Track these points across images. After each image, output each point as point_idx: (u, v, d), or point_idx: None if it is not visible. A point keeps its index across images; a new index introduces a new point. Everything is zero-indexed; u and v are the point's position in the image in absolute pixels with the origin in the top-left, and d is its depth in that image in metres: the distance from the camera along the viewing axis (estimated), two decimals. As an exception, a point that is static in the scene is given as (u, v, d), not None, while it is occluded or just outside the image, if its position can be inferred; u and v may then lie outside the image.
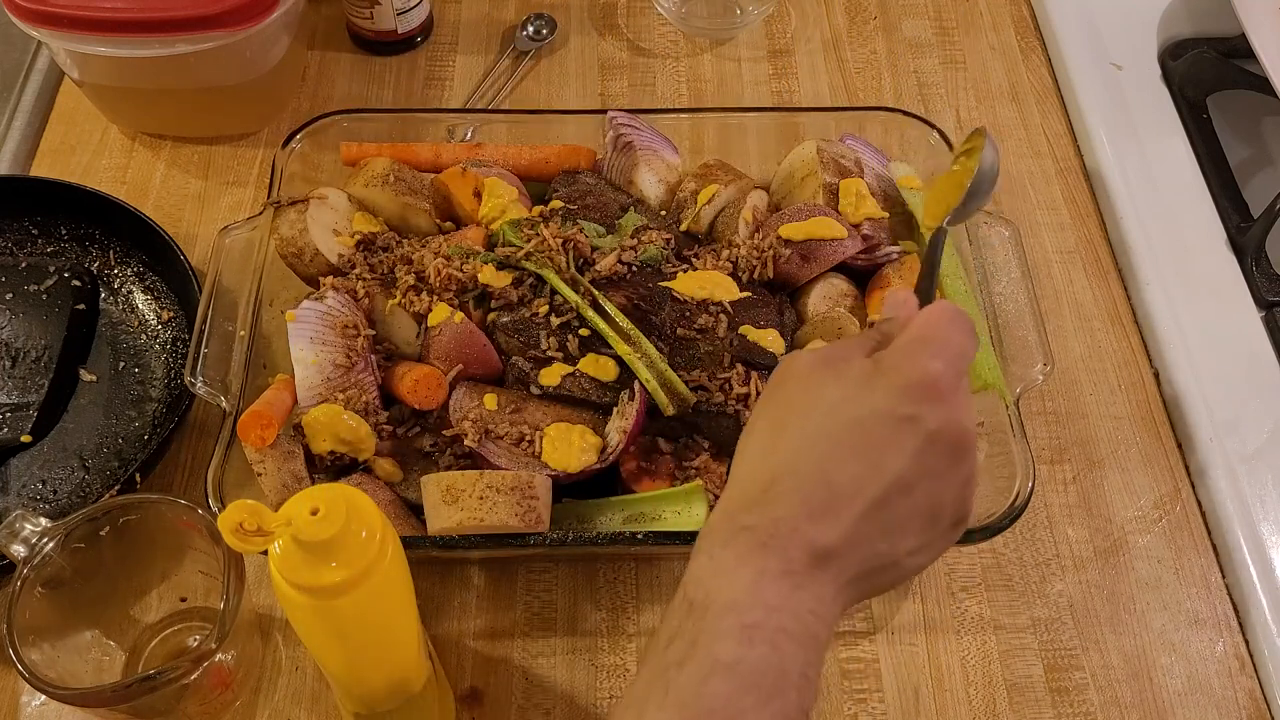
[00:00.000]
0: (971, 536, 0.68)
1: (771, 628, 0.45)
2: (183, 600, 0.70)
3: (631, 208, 0.82)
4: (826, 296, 0.80)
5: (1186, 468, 0.82)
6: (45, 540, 0.61)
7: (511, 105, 1.02)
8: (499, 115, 0.92)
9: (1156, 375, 0.87)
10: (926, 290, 0.59)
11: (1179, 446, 0.83)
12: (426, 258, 0.76)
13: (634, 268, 0.77)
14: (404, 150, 0.86)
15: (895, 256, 0.81)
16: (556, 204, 0.81)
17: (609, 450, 0.70)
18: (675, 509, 0.69)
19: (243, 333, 0.75)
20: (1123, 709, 0.71)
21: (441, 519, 0.67)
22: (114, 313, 0.87)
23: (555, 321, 0.74)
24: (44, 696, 0.59)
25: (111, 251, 0.89)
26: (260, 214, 0.80)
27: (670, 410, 0.71)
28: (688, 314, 0.75)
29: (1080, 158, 1.00)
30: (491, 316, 0.75)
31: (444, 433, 0.73)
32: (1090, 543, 0.78)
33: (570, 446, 0.70)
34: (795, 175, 0.85)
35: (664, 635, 0.47)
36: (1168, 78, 1.04)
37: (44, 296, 0.85)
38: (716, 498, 0.71)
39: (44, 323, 0.84)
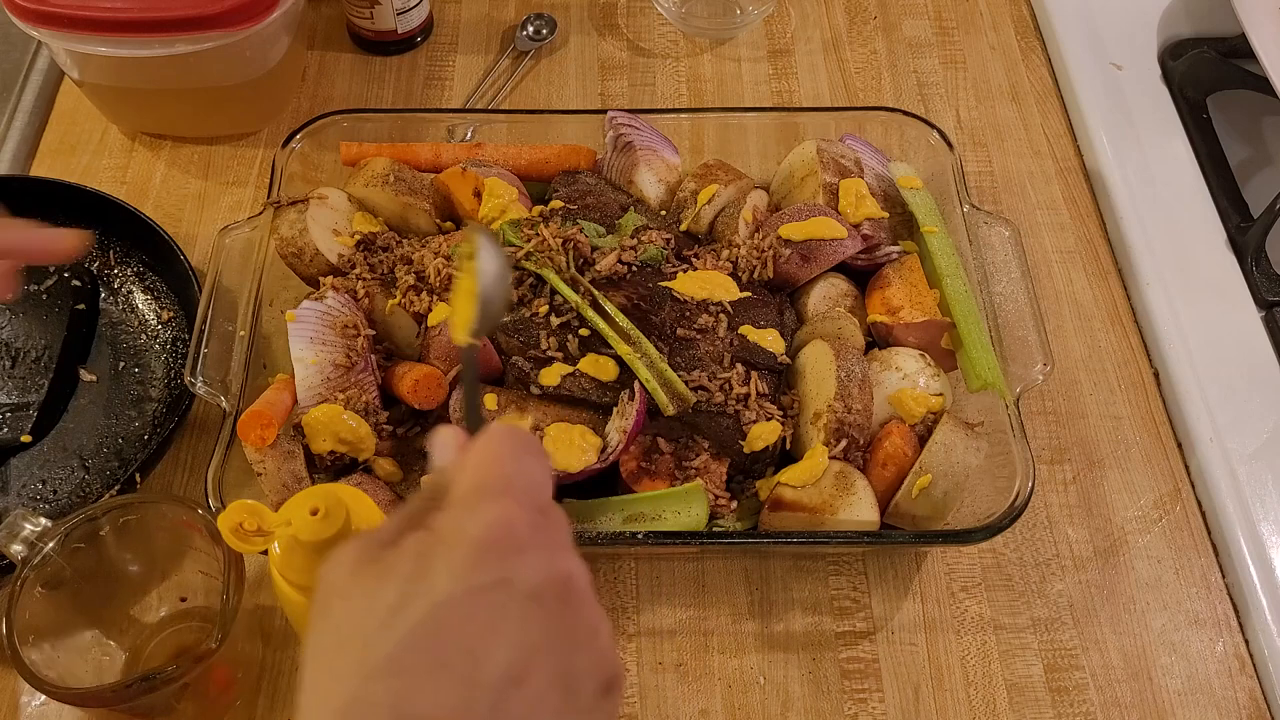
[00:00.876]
0: (972, 536, 0.68)
1: None
2: (183, 600, 0.70)
3: (631, 208, 0.82)
4: (826, 296, 0.80)
5: (1186, 468, 0.82)
6: (45, 540, 0.61)
7: (511, 105, 1.02)
8: (499, 115, 0.92)
9: (1156, 375, 0.87)
10: (472, 418, 0.46)
11: (1179, 446, 0.83)
12: (426, 258, 0.76)
13: (634, 268, 0.77)
14: (404, 150, 0.86)
15: (895, 256, 0.81)
16: (556, 204, 0.81)
17: (609, 450, 0.71)
18: (675, 509, 0.69)
19: (243, 333, 0.75)
20: (1123, 709, 0.71)
21: (441, 519, 0.67)
22: (114, 313, 0.87)
23: (555, 321, 0.74)
24: (44, 696, 0.59)
25: (111, 251, 0.89)
26: (260, 214, 0.80)
27: (670, 410, 0.71)
28: (688, 314, 0.75)
29: (1080, 158, 1.00)
30: (491, 316, 0.75)
31: (444, 433, 0.73)
32: (1090, 543, 0.78)
33: (570, 446, 0.70)
34: (795, 175, 0.85)
35: None
36: (1168, 78, 1.04)
37: (44, 296, 0.85)
38: (717, 498, 0.71)
39: (44, 323, 0.84)
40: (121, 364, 0.84)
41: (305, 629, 0.44)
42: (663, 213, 0.85)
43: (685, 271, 0.78)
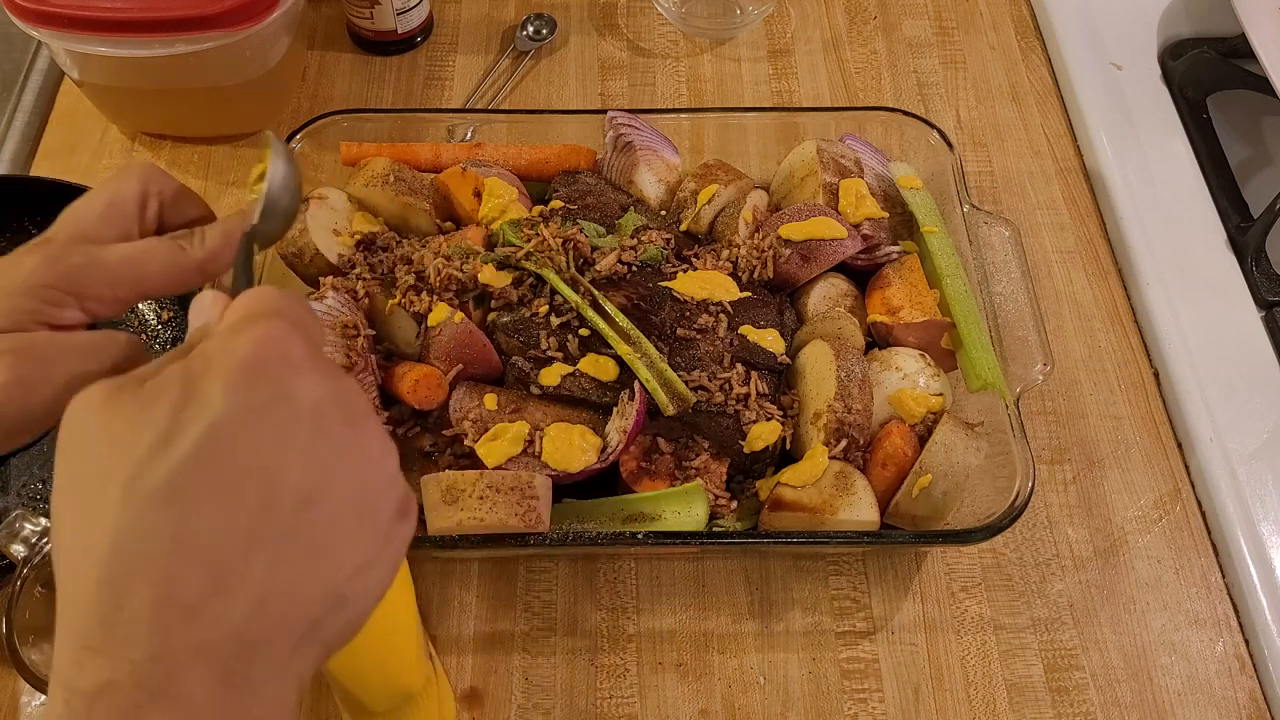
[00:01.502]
0: (972, 536, 0.68)
1: None
2: (183, 600, 0.69)
3: (631, 208, 0.82)
4: (826, 296, 0.80)
5: (1186, 468, 0.82)
6: (45, 540, 0.61)
7: (511, 105, 1.02)
8: (499, 115, 0.92)
9: (1156, 375, 0.87)
10: (238, 290, 0.44)
11: (1179, 446, 0.83)
12: (426, 258, 0.76)
13: (634, 268, 0.77)
14: (404, 150, 0.86)
15: (895, 256, 0.81)
16: (556, 204, 0.81)
17: (609, 450, 0.71)
18: (675, 509, 0.69)
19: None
20: (1123, 709, 0.71)
21: (441, 519, 0.67)
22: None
23: (555, 321, 0.74)
24: (44, 696, 0.59)
25: (111, 251, 0.89)
26: None
27: (670, 410, 0.71)
28: (688, 314, 0.75)
29: (1080, 158, 1.00)
30: (491, 316, 0.75)
31: (444, 433, 0.73)
32: (1090, 543, 0.78)
33: (570, 446, 0.70)
34: (795, 175, 0.85)
35: None
36: (1168, 78, 1.04)
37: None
38: (717, 498, 0.71)
39: (44, 323, 0.84)
40: (121, 364, 0.84)
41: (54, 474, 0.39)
42: (663, 213, 0.85)
43: (685, 271, 0.78)
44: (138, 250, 0.47)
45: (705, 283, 0.77)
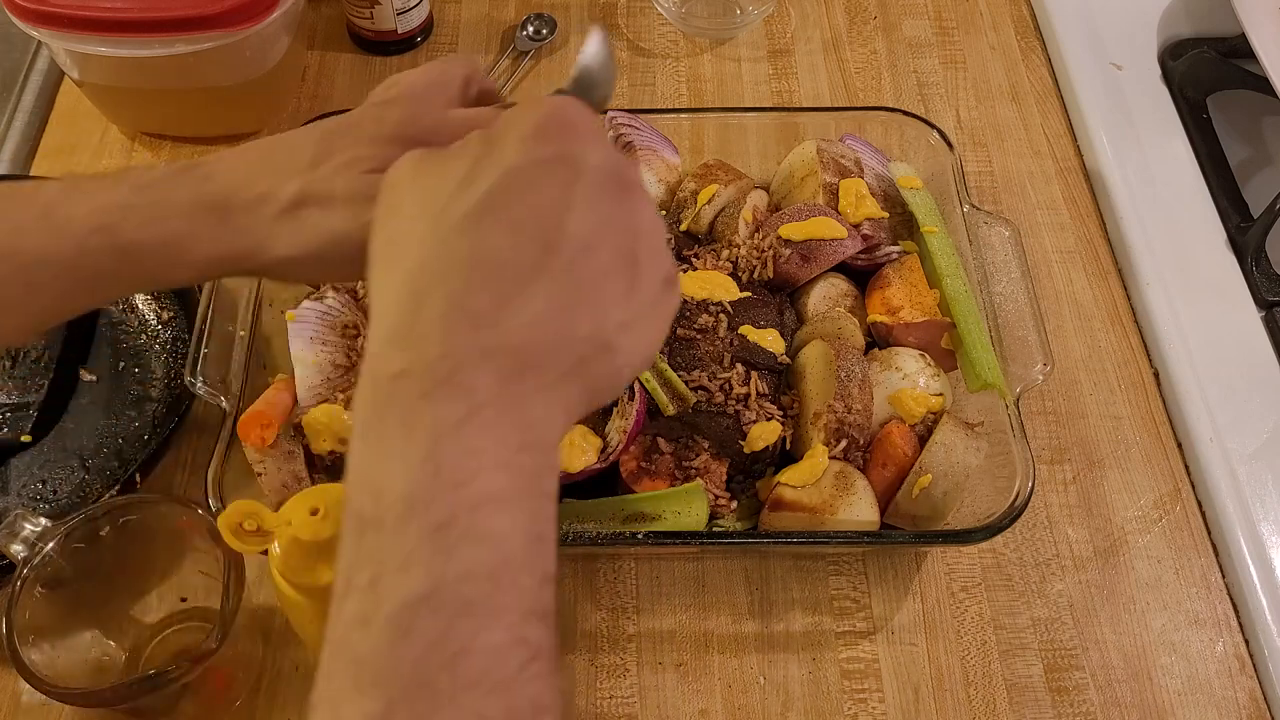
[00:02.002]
0: (972, 536, 0.68)
1: (469, 511, 0.34)
2: (183, 600, 0.70)
3: (631, 208, 0.82)
4: (826, 296, 0.80)
5: (1186, 468, 0.82)
6: (45, 540, 0.61)
7: (511, 105, 1.02)
8: (499, 115, 0.92)
9: (1156, 375, 0.87)
10: None
11: (1179, 446, 0.83)
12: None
13: (634, 268, 0.77)
14: (404, 150, 0.86)
15: (895, 256, 0.81)
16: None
17: (609, 450, 0.70)
18: (675, 509, 0.69)
19: (243, 333, 0.75)
20: (1123, 709, 0.71)
21: (441, 519, 0.67)
22: (114, 313, 0.87)
23: (555, 321, 0.74)
24: (44, 696, 0.59)
25: (111, 251, 0.89)
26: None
27: (670, 410, 0.71)
28: (688, 314, 0.75)
29: (1080, 158, 1.00)
30: (491, 316, 0.75)
31: (444, 433, 0.73)
32: (1090, 543, 0.78)
33: (570, 446, 0.70)
34: (795, 175, 0.85)
35: (340, 581, 0.35)
36: (1168, 78, 1.04)
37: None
38: (717, 498, 0.71)
39: (44, 323, 0.84)
40: (121, 364, 0.84)
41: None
42: (663, 213, 0.85)
43: (685, 271, 0.78)
44: (472, 115, 0.51)
45: (705, 283, 0.77)
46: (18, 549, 0.61)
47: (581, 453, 0.70)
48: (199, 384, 0.70)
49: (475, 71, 0.56)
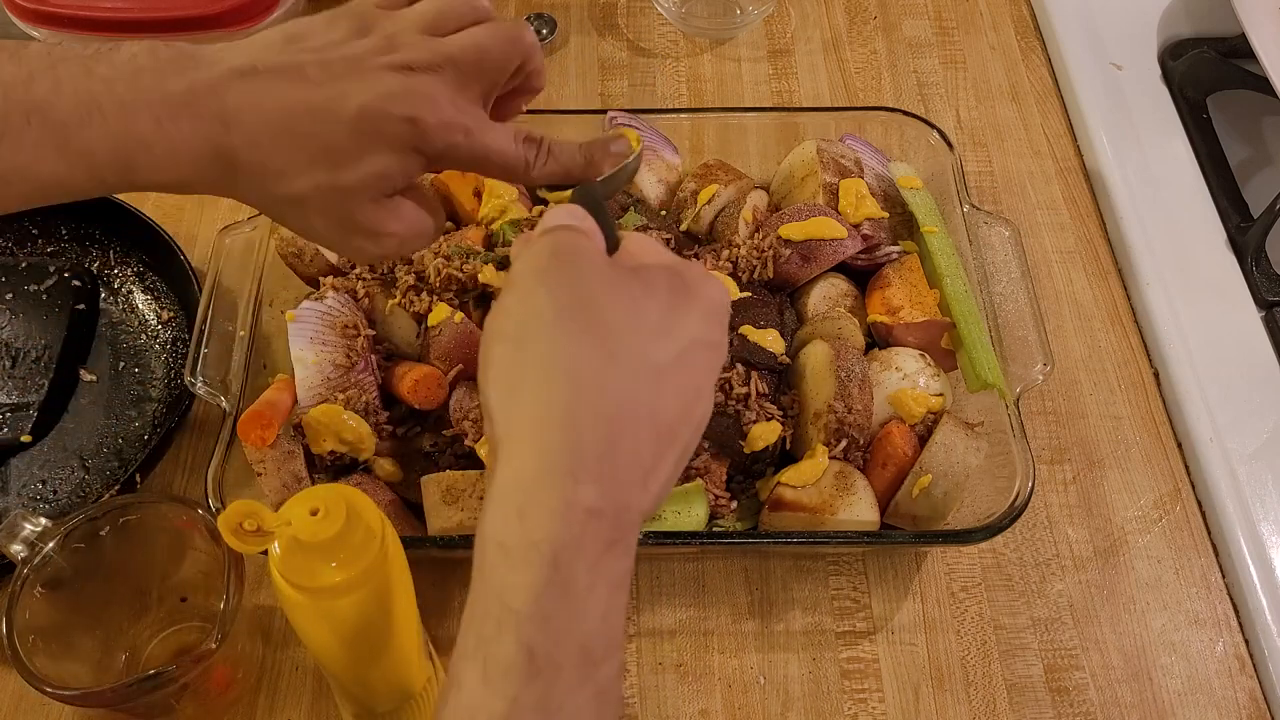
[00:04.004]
0: (972, 536, 0.68)
1: (616, 680, 0.37)
2: (183, 600, 0.70)
3: (631, 208, 0.82)
4: (826, 296, 0.80)
5: (1186, 468, 0.82)
6: (45, 540, 0.61)
7: (511, 105, 1.02)
8: (499, 115, 0.92)
9: (1156, 375, 0.87)
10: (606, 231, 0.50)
11: (1179, 446, 0.83)
12: (426, 258, 0.76)
13: (634, 268, 0.77)
14: (404, 150, 0.86)
15: (895, 256, 0.81)
16: (556, 204, 0.81)
17: (609, 450, 0.70)
18: (675, 509, 0.69)
19: (243, 333, 0.75)
20: (1123, 709, 0.71)
21: (441, 519, 0.67)
22: (114, 313, 0.87)
23: (555, 321, 0.74)
24: (44, 696, 0.59)
25: (111, 251, 0.89)
26: (260, 214, 0.79)
27: (670, 410, 0.71)
28: (688, 314, 0.75)
29: (1080, 158, 1.00)
30: (491, 316, 0.75)
31: (444, 433, 0.73)
32: (1090, 543, 0.78)
33: (570, 446, 0.70)
34: (795, 175, 0.85)
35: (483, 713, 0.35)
36: (1168, 78, 1.04)
37: (44, 296, 0.85)
38: (717, 498, 0.71)
39: (44, 323, 0.84)
40: (121, 364, 0.84)
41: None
42: (663, 213, 0.85)
43: (685, 271, 0.78)
44: (499, 147, 0.51)
45: (705, 283, 0.77)
46: (18, 549, 0.61)
47: (581, 453, 0.70)
48: (199, 384, 0.70)
49: (532, 55, 0.54)
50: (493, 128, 0.51)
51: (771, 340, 0.75)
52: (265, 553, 0.51)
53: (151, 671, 0.58)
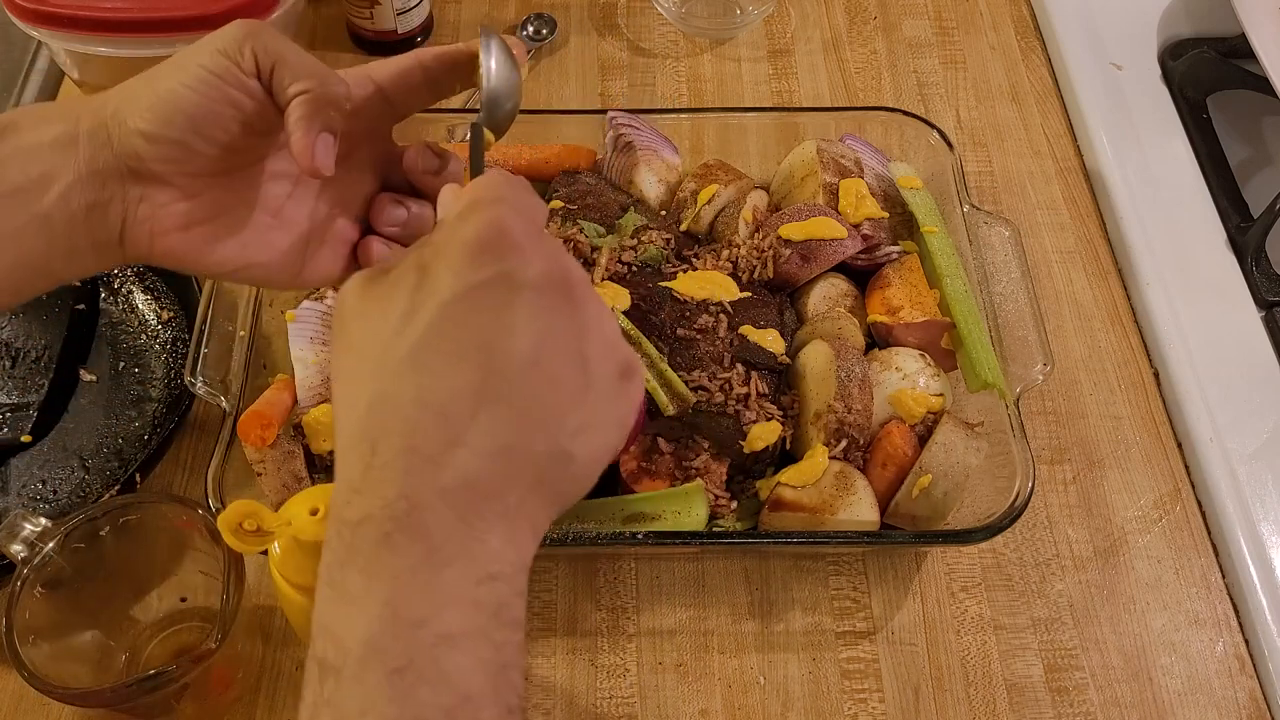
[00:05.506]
0: (972, 536, 0.68)
1: (426, 652, 0.34)
2: (183, 600, 0.70)
3: (631, 208, 0.82)
4: (826, 296, 0.80)
5: (1186, 468, 0.82)
6: (45, 540, 0.61)
7: (511, 105, 1.01)
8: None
9: (1156, 375, 0.87)
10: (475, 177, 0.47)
11: (1179, 446, 0.83)
12: (426, 258, 0.76)
13: (634, 268, 0.77)
14: (404, 150, 0.86)
15: (895, 256, 0.81)
16: (557, 204, 0.81)
17: (609, 450, 0.70)
18: (675, 509, 0.69)
19: (243, 333, 0.75)
20: (1123, 709, 0.71)
21: (441, 519, 0.67)
22: (114, 313, 0.87)
23: (555, 321, 0.73)
24: (44, 696, 0.59)
25: (111, 251, 0.89)
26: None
27: (670, 410, 0.71)
28: (688, 314, 0.75)
29: (1080, 158, 1.00)
30: (491, 316, 0.75)
31: (444, 433, 0.72)
32: (1090, 543, 0.78)
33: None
34: (795, 175, 0.85)
35: None
36: (1168, 78, 1.04)
37: (44, 296, 0.84)
38: (717, 498, 0.71)
39: (44, 323, 0.84)
40: (121, 364, 0.84)
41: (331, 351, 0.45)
42: (663, 213, 0.85)
43: (685, 271, 0.78)
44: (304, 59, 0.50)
45: (705, 283, 0.77)
46: (18, 549, 0.61)
47: (581, 453, 0.70)
48: (199, 384, 0.70)
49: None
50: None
51: (771, 340, 0.75)
52: (265, 553, 0.51)
53: (151, 671, 0.58)
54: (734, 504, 0.72)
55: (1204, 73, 1.02)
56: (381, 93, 0.53)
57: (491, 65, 0.50)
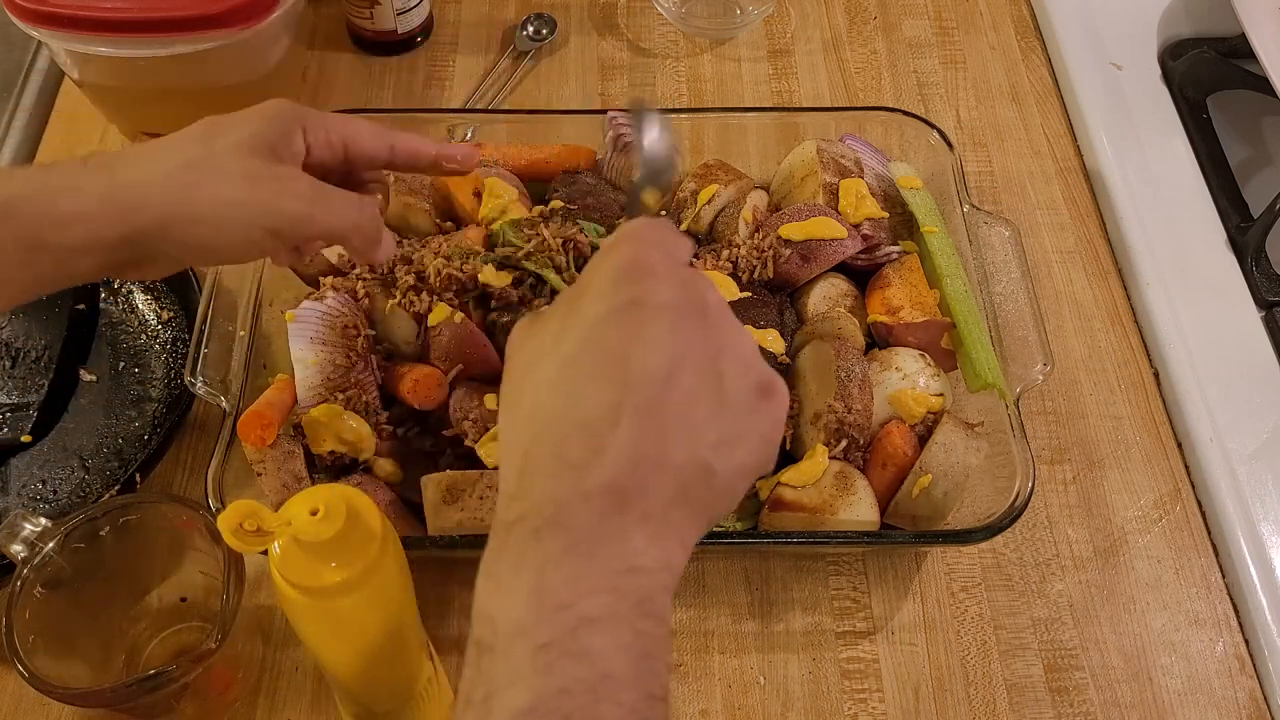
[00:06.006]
0: (972, 536, 0.68)
1: (569, 632, 0.37)
2: (183, 600, 0.70)
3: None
4: (826, 296, 0.80)
5: (1186, 468, 0.82)
6: (45, 540, 0.61)
7: (511, 105, 1.02)
8: (499, 115, 0.92)
9: (1156, 375, 0.87)
10: None
11: (1179, 446, 0.83)
12: (426, 258, 0.76)
13: (634, 268, 0.77)
14: (404, 150, 0.86)
15: (895, 256, 0.81)
16: (557, 204, 0.81)
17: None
18: (675, 509, 0.69)
19: (243, 333, 0.75)
20: (1123, 709, 0.71)
21: (441, 519, 0.67)
22: (114, 313, 0.87)
23: (555, 321, 0.74)
24: (44, 696, 0.59)
25: (111, 251, 0.89)
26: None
27: (670, 410, 0.70)
28: (688, 314, 0.75)
29: (1080, 158, 1.00)
30: (491, 316, 0.75)
31: (444, 433, 0.73)
32: (1090, 543, 0.78)
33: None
34: (795, 175, 0.85)
35: (460, 699, 0.39)
36: (1168, 78, 1.04)
37: (44, 296, 0.84)
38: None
39: (44, 323, 0.84)
40: (121, 364, 0.84)
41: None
42: (663, 213, 0.85)
43: (685, 271, 0.78)
44: (363, 127, 0.61)
45: (705, 283, 0.77)
46: (18, 549, 0.61)
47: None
48: (199, 384, 0.70)
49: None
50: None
51: (771, 340, 0.75)
52: (265, 553, 0.51)
53: (151, 671, 0.58)
54: (734, 504, 0.72)
55: (1204, 73, 1.02)
56: (348, 158, 0.60)
57: (649, 138, 0.53)
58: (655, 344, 0.41)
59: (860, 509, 0.69)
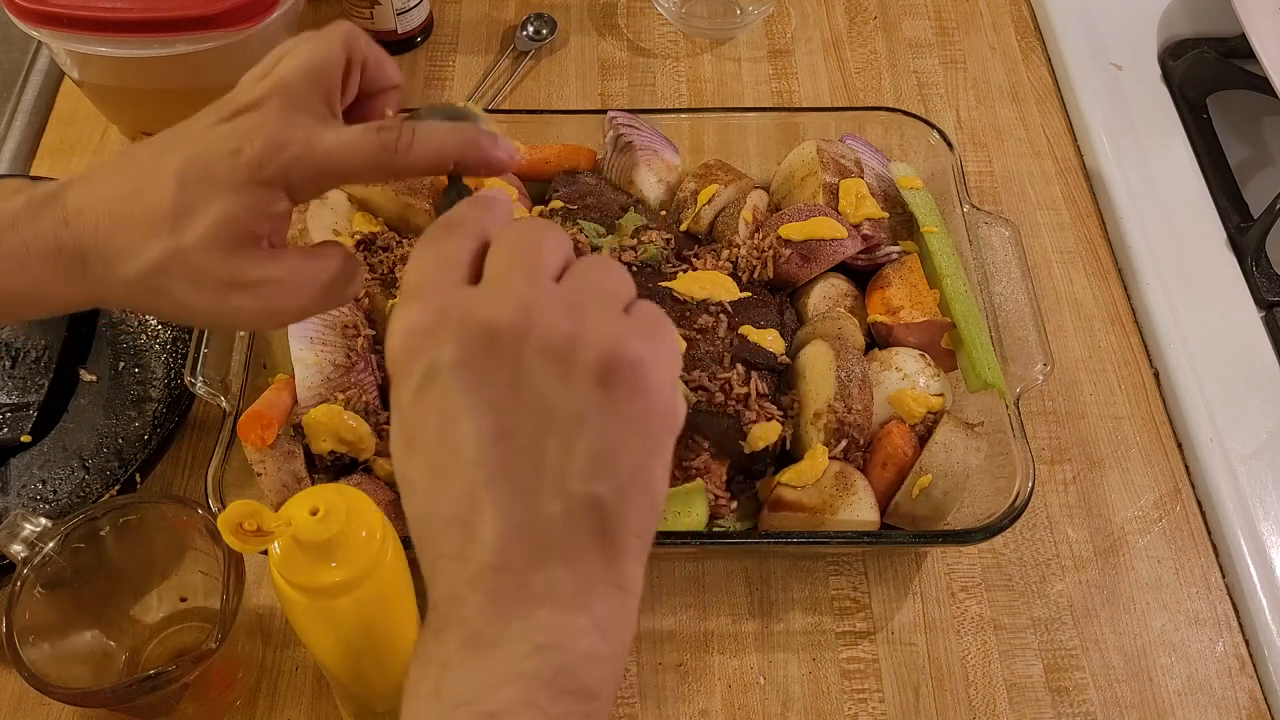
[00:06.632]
0: (972, 536, 0.68)
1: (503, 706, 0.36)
2: (183, 600, 0.70)
3: (631, 208, 0.82)
4: (826, 296, 0.80)
5: (1186, 468, 0.82)
6: (45, 540, 0.61)
7: (511, 105, 1.02)
8: (499, 115, 0.92)
9: (1156, 375, 0.87)
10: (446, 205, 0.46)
11: (1179, 446, 0.83)
12: (426, 258, 0.76)
13: (634, 268, 0.77)
14: (404, 150, 0.86)
15: (895, 256, 0.81)
16: (557, 204, 0.81)
17: (609, 450, 0.70)
18: (675, 509, 0.69)
19: (243, 333, 0.75)
20: (1123, 709, 0.71)
21: (441, 519, 0.67)
22: (114, 313, 0.87)
23: (555, 321, 0.73)
24: (44, 696, 0.59)
25: (111, 251, 0.89)
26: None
27: (670, 410, 0.70)
28: (688, 314, 0.75)
29: (1080, 158, 1.00)
30: (491, 316, 0.75)
31: (444, 433, 0.72)
32: (1090, 543, 0.78)
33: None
34: (795, 175, 0.85)
35: None
36: (1168, 78, 1.04)
37: (44, 296, 0.85)
38: (717, 498, 0.71)
39: (44, 323, 0.84)
40: (121, 364, 0.84)
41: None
42: (663, 213, 0.85)
43: (685, 271, 0.78)
44: (343, 144, 0.46)
45: (705, 283, 0.77)
46: (18, 549, 0.61)
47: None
48: (199, 384, 0.70)
49: (356, 50, 0.49)
50: (336, 127, 0.47)
51: (771, 340, 0.75)
52: (265, 553, 0.51)
53: (151, 671, 0.58)
54: (734, 504, 0.72)
55: (1204, 73, 1.02)
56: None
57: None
58: (463, 411, 0.37)
59: (860, 509, 0.69)
